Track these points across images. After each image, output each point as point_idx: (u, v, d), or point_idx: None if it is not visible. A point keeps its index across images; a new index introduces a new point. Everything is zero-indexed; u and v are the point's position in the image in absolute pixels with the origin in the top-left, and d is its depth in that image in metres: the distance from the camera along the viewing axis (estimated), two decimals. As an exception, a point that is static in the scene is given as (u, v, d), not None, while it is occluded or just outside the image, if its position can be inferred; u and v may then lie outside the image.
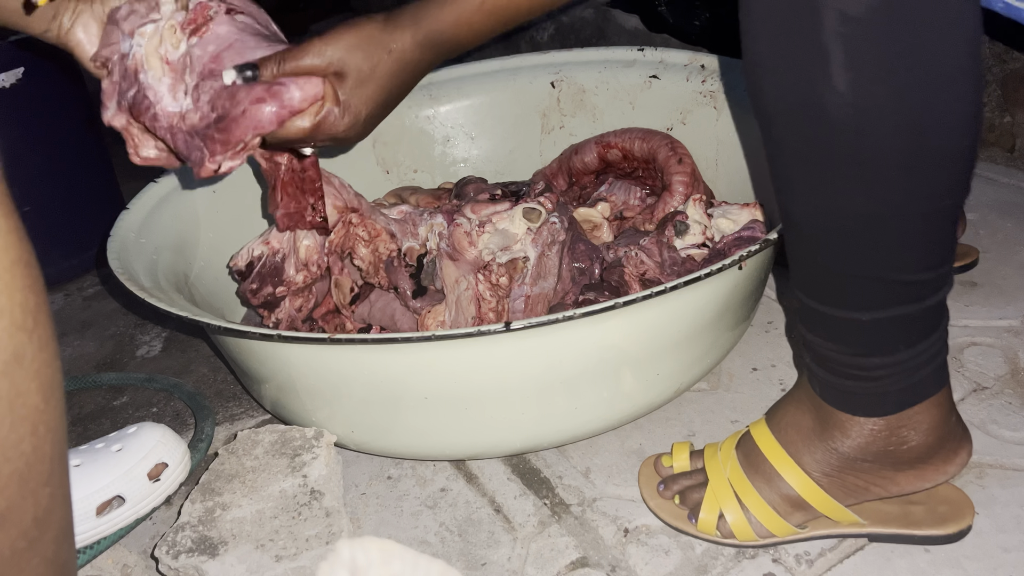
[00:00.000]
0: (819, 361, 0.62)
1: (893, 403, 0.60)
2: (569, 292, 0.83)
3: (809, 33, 0.49)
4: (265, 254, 0.82)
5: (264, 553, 0.66)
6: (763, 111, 0.55)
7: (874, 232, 0.54)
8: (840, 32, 0.48)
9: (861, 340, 0.58)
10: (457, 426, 0.72)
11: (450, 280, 0.83)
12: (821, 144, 0.52)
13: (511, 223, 0.83)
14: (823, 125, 0.51)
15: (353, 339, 0.65)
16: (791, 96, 0.52)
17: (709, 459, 0.69)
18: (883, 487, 0.63)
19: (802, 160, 0.54)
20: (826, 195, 0.54)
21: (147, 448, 0.76)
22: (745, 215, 0.86)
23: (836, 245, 0.56)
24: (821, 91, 0.50)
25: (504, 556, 0.69)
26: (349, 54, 0.69)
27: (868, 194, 0.52)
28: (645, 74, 1.05)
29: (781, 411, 0.67)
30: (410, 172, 1.13)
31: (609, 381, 0.71)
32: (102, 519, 0.73)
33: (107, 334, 1.11)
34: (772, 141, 0.56)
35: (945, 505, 0.66)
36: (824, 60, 0.49)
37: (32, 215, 1.18)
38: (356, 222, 0.84)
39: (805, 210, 0.56)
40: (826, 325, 0.60)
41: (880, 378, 0.59)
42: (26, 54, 1.12)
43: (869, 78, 0.49)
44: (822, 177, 0.53)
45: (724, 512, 0.66)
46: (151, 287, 0.76)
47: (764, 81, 0.53)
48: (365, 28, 0.69)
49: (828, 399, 0.63)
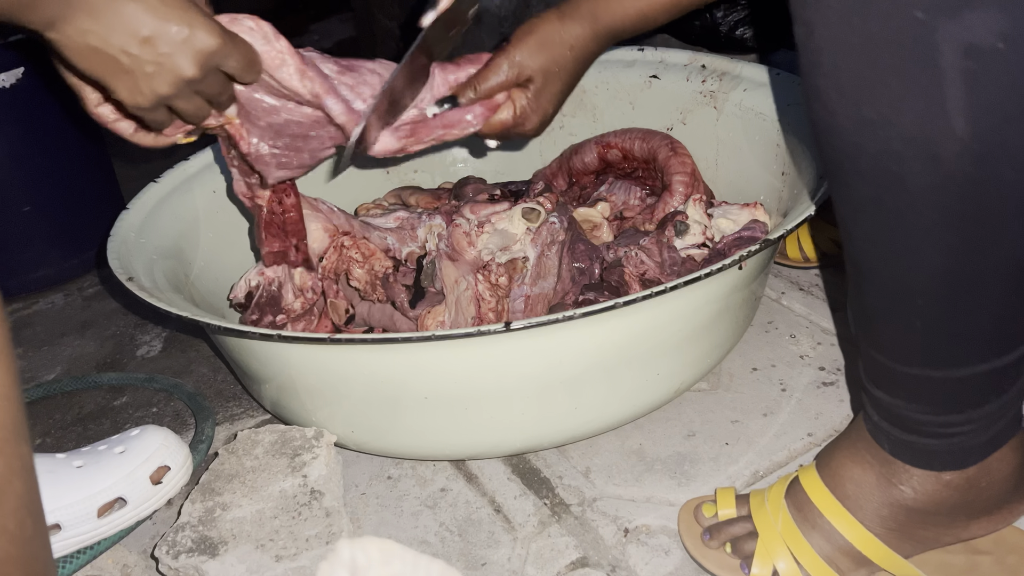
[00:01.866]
0: (893, 421, 0.57)
1: (977, 454, 0.56)
2: (569, 292, 0.83)
3: (920, 65, 0.40)
4: (262, 284, 0.82)
5: (264, 553, 0.66)
6: (840, 156, 0.47)
7: (986, 288, 0.47)
8: (962, 67, 0.39)
9: (952, 398, 0.53)
10: (457, 426, 0.72)
11: (449, 281, 0.83)
12: (928, 199, 0.44)
13: (510, 223, 0.83)
14: (932, 174, 0.43)
15: (353, 339, 0.65)
16: (890, 143, 0.43)
17: (756, 509, 0.64)
18: (954, 536, 0.60)
19: (899, 216, 0.46)
20: (929, 254, 0.47)
21: (150, 451, 0.76)
22: (745, 215, 0.86)
23: (937, 307, 0.49)
24: (933, 134, 0.42)
25: (504, 556, 0.69)
26: (532, 59, 0.73)
27: (982, 250, 0.46)
28: (645, 74, 1.05)
29: (836, 462, 0.61)
30: (410, 172, 1.13)
31: (609, 381, 0.71)
32: (103, 520, 0.74)
33: (107, 334, 1.11)
34: (852, 188, 0.48)
35: (1015, 555, 0.61)
36: (939, 98, 0.40)
37: (32, 215, 1.18)
38: (348, 245, 0.84)
39: (897, 271, 0.49)
40: (909, 386, 0.54)
41: (966, 433, 0.55)
42: (26, 54, 1.11)
43: (997, 121, 0.41)
44: (925, 235, 0.46)
45: (778, 568, 0.61)
46: (151, 287, 0.76)
47: (847, 120, 0.44)
48: (544, 29, 0.73)
49: (902, 456, 0.58)
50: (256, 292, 0.82)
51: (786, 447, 0.76)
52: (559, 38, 0.73)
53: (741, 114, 0.95)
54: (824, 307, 0.93)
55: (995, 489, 0.58)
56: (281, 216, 0.80)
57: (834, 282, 0.97)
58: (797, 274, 0.99)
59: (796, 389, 0.82)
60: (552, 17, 0.73)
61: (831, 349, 0.87)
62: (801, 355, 0.87)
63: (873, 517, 0.59)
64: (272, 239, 0.80)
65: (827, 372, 0.84)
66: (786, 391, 0.82)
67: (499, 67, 0.74)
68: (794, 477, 0.64)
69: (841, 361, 0.85)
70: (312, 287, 0.83)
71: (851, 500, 0.60)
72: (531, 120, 0.76)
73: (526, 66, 0.74)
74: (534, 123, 0.77)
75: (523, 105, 0.75)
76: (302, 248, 0.82)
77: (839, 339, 0.88)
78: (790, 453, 0.76)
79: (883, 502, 0.59)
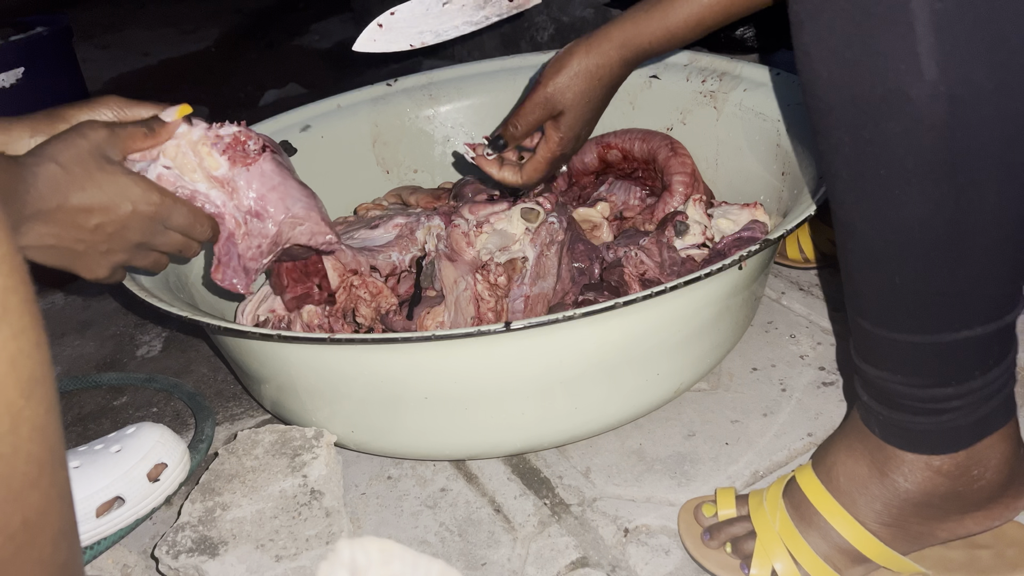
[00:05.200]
0: (881, 398, 0.57)
1: (967, 437, 0.55)
2: (569, 292, 0.83)
3: (889, 11, 0.41)
4: (272, 321, 0.83)
5: (264, 553, 0.66)
6: (823, 107, 0.47)
7: (966, 243, 0.47)
8: (931, 8, 0.40)
9: (936, 368, 0.53)
10: (457, 426, 0.72)
11: (449, 281, 0.83)
12: (903, 145, 0.45)
13: (509, 223, 0.83)
14: (907, 122, 0.44)
15: (353, 339, 0.65)
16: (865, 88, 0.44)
17: (755, 509, 0.64)
18: (949, 531, 0.59)
19: (877, 165, 0.46)
20: (907, 206, 0.47)
21: (146, 448, 0.76)
22: (745, 215, 0.86)
23: (918, 262, 0.49)
24: (905, 81, 0.42)
25: (504, 556, 0.69)
26: (563, 95, 0.78)
27: (960, 200, 0.46)
28: (645, 74, 1.05)
29: (830, 457, 0.62)
30: (410, 172, 1.13)
31: (609, 381, 0.71)
32: (102, 520, 0.74)
33: (107, 334, 1.11)
34: (834, 141, 0.48)
35: (1014, 548, 0.61)
36: (909, 44, 0.41)
37: (32, 215, 1.18)
38: (358, 284, 0.86)
39: (879, 224, 0.49)
40: (895, 355, 0.54)
41: (953, 410, 0.54)
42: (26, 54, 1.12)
43: (966, 64, 0.41)
44: (903, 185, 0.46)
45: (776, 569, 0.61)
46: (151, 287, 0.76)
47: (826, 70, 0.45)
48: (572, 64, 0.76)
49: (891, 440, 0.57)
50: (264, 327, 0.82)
51: (786, 447, 0.76)
52: (589, 70, 0.76)
53: (741, 114, 0.95)
54: (824, 307, 0.93)
55: (987, 480, 0.57)
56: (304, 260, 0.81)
57: (834, 282, 0.97)
58: (797, 274, 0.99)
59: (796, 389, 0.82)
60: (580, 50, 0.77)
61: (831, 349, 0.87)
62: (801, 355, 0.87)
63: (868, 512, 0.59)
64: (295, 284, 0.82)
65: (827, 372, 0.84)
66: (786, 391, 0.82)
67: (532, 106, 0.79)
68: (791, 477, 0.64)
69: (841, 361, 0.85)
70: (320, 324, 0.84)
71: (845, 495, 0.60)
72: (568, 148, 0.82)
73: (558, 101, 0.78)
74: (569, 150, 0.82)
75: (559, 138, 0.80)
76: (325, 286, 0.84)
77: (837, 338, 0.88)
78: (790, 453, 0.76)
79: (876, 495, 0.59)
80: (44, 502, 0.35)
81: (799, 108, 0.88)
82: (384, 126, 1.11)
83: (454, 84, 1.12)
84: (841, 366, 0.85)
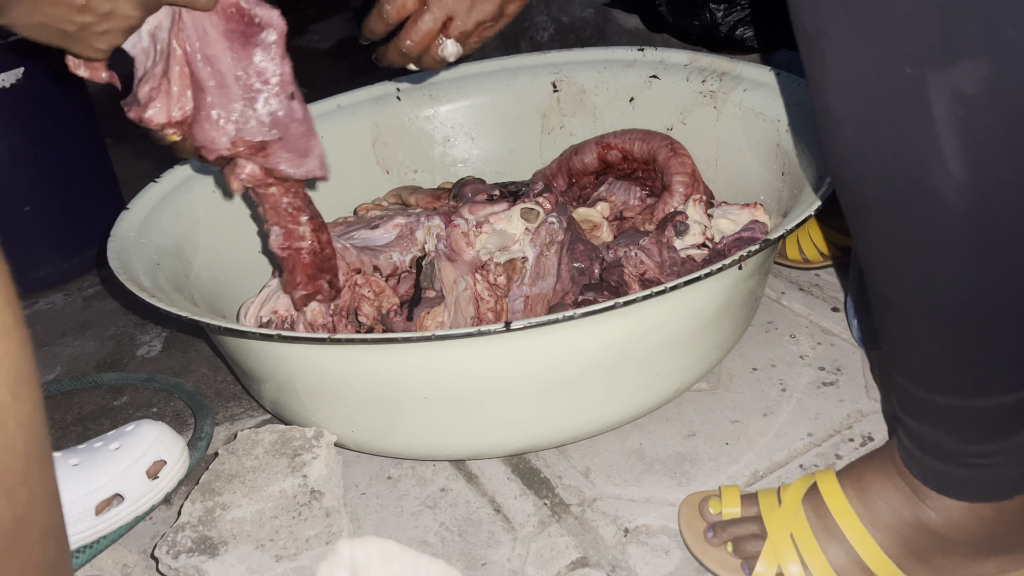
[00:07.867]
0: (923, 447, 0.56)
1: (1011, 487, 0.55)
2: (569, 292, 0.83)
3: (915, 115, 0.43)
4: (274, 322, 0.83)
5: (264, 553, 0.66)
6: (854, 193, 0.49)
7: (1000, 318, 0.48)
8: (952, 113, 0.42)
9: (978, 427, 0.53)
10: (457, 426, 0.72)
11: (448, 281, 0.83)
12: (932, 231, 0.46)
13: (509, 223, 0.83)
14: (936, 210, 0.45)
15: (353, 339, 0.65)
16: (894, 181, 0.45)
17: (768, 510, 0.63)
18: (968, 569, 0.59)
19: (907, 247, 0.48)
20: (941, 284, 0.48)
21: (145, 446, 0.76)
22: (745, 215, 0.86)
23: (956, 336, 0.50)
24: (932, 174, 0.44)
25: (504, 556, 0.69)
26: None
27: (992, 280, 0.47)
28: (645, 74, 1.05)
29: (865, 479, 0.61)
30: (410, 172, 1.13)
31: (609, 381, 0.71)
32: (101, 518, 0.73)
33: (107, 334, 1.11)
34: (865, 224, 0.50)
35: None
36: (935, 144, 0.43)
37: (32, 215, 1.18)
38: (361, 283, 0.86)
39: (914, 299, 0.50)
40: (936, 414, 0.54)
41: (997, 464, 0.54)
42: (26, 54, 1.11)
43: (991, 162, 0.43)
44: (935, 265, 0.47)
45: (784, 572, 0.60)
46: (151, 287, 0.76)
47: (854, 162, 0.47)
48: None
49: (932, 483, 0.57)
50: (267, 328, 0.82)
51: (786, 447, 0.76)
52: None
53: (741, 114, 0.95)
54: (824, 307, 0.93)
55: (1020, 527, 0.57)
56: (320, 254, 0.81)
57: (834, 282, 0.97)
58: (797, 274, 0.99)
59: (796, 389, 0.82)
60: None
61: (831, 349, 0.87)
62: (801, 355, 0.87)
63: (894, 537, 0.59)
64: (308, 282, 0.81)
65: (827, 372, 0.84)
66: (786, 391, 0.82)
67: None
68: (812, 482, 0.63)
69: (841, 361, 0.85)
70: (323, 324, 0.84)
71: (874, 516, 0.59)
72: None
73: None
74: None
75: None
76: (335, 283, 0.83)
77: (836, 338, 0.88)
78: (790, 453, 0.76)
79: (906, 521, 0.58)
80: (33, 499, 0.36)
81: (799, 108, 0.88)
82: (384, 126, 1.11)
83: (454, 84, 1.12)
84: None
